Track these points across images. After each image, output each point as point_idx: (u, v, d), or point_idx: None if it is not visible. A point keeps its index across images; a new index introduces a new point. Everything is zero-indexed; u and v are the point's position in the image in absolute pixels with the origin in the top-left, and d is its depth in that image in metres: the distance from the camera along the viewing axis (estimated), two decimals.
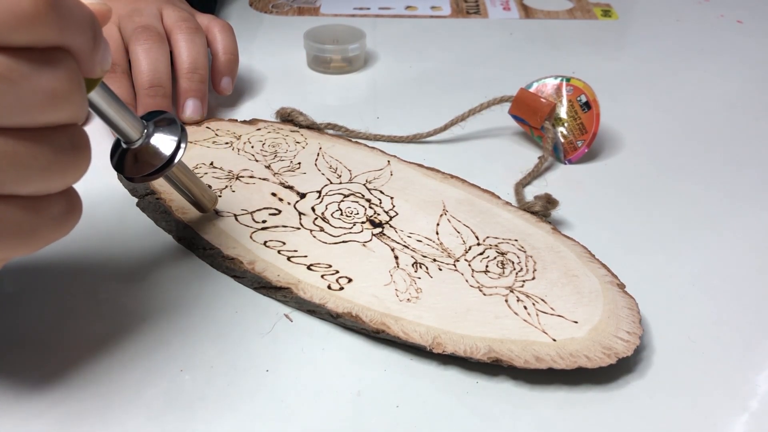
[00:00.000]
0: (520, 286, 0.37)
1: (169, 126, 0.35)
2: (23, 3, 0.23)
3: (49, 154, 0.26)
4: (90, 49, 0.26)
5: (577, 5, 0.79)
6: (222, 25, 0.56)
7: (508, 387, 0.33)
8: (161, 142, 0.35)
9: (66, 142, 0.27)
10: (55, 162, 0.26)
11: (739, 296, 0.39)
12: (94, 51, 0.27)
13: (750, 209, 0.46)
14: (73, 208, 0.29)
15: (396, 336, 0.34)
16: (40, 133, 0.25)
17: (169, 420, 0.31)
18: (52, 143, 0.26)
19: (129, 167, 0.35)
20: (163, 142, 0.35)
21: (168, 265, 0.40)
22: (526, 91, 0.50)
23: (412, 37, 0.71)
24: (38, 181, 0.26)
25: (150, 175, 0.35)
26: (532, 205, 0.43)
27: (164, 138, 0.35)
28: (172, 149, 0.35)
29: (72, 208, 0.29)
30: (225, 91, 0.55)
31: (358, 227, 0.41)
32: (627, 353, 0.33)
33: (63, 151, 0.26)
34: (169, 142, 0.35)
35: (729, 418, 0.32)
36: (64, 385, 0.33)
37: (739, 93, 0.61)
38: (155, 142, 0.35)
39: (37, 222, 0.27)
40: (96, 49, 0.27)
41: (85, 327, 0.36)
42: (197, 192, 0.40)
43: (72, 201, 0.29)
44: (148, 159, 0.35)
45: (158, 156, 0.35)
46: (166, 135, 0.35)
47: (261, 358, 0.34)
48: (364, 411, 0.32)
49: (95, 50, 0.27)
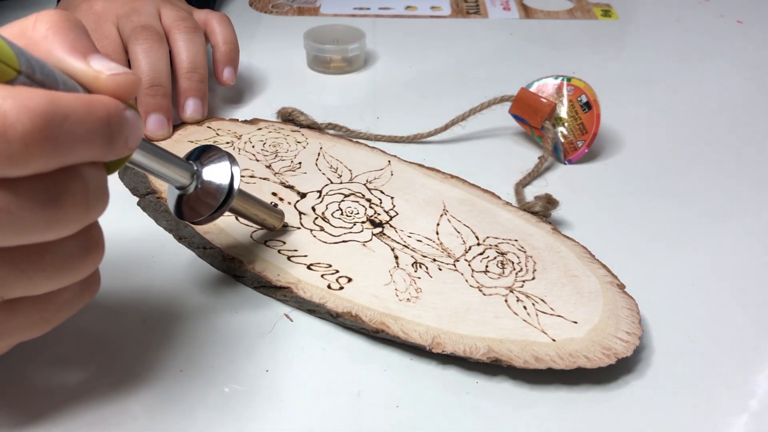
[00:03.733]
0: (520, 286, 0.37)
1: (219, 158, 0.34)
2: (13, 132, 0.21)
3: (57, 263, 0.25)
4: (106, 152, 0.25)
5: (577, 5, 0.79)
6: (219, 17, 0.56)
7: (508, 387, 0.33)
8: (214, 178, 0.34)
9: (74, 247, 0.25)
10: (63, 269, 0.25)
11: (739, 296, 0.39)
12: (111, 150, 0.25)
13: (750, 209, 0.46)
14: (88, 286, 0.28)
15: (395, 336, 0.34)
16: (45, 246, 0.24)
17: (169, 420, 0.31)
18: (58, 252, 0.25)
19: (188, 212, 0.34)
20: (215, 179, 0.34)
21: (168, 265, 0.40)
22: (526, 91, 0.50)
23: (412, 37, 0.71)
24: (46, 287, 0.25)
25: (211, 215, 0.34)
26: (532, 206, 0.43)
27: (216, 174, 0.34)
28: (227, 184, 0.34)
29: (87, 286, 0.28)
30: (228, 82, 0.55)
31: (359, 227, 0.41)
32: (626, 353, 0.33)
33: (71, 257, 0.25)
34: (222, 176, 0.34)
35: (729, 418, 0.32)
36: (63, 385, 0.33)
37: (739, 93, 0.61)
38: (208, 180, 0.34)
39: (47, 313, 0.26)
40: (114, 145, 0.25)
41: (85, 327, 0.36)
42: (262, 214, 0.39)
43: (88, 280, 0.27)
44: (204, 199, 0.34)
45: (214, 195, 0.34)
46: (216, 170, 0.34)
47: (261, 358, 0.34)
48: (364, 411, 0.32)
49: (113, 148, 0.25)
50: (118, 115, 0.25)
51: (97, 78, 0.25)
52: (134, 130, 0.26)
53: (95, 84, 0.25)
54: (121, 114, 0.25)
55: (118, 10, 0.51)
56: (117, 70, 0.25)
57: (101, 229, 0.27)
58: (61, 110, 0.22)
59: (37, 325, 0.26)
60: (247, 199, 0.38)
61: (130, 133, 0.26)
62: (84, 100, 0.23)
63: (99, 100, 0.24)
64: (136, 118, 0.26)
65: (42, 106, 0.22)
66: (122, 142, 0.25)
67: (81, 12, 0.51)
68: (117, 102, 0.25)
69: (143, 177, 0.45)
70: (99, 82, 0.25)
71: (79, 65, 0.25)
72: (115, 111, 0.25)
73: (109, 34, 0.50)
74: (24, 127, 0.21)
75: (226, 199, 0.34)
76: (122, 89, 0.25)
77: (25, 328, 0.26)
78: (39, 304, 0.26)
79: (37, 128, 0.21)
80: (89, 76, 0.25)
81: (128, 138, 0.26)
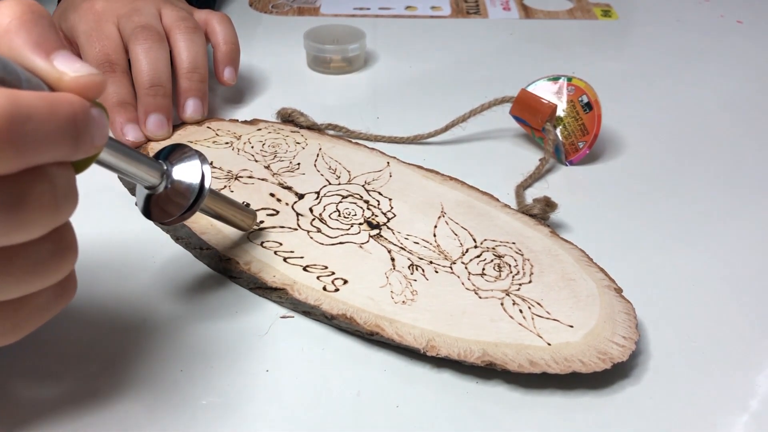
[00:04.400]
0: (517, 290, 0.37)
1: (188, 157, 0.34)
2: None
3: (26, 267, 0.24)
4: (72, 151, 0.24)
5: (577, 5, 0.79)
6: (220, 16, 0.56)
7: (502, 391, 0.33)
8: (184, 178, 0.33)
9: (45, 250, 0.24)
10: (33, 273, 0.24)
11: (738, 298, 0.39)
12: (78, 149, 0.24)
13: (751, 210, 0.46)
14: (63, 291, 0.27)
15: (390, 338, 0.34)
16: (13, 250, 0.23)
17: (169, 420, 0.31)
18: (27, 256, 0.24)
19: (157, 212, 0.34)
20: (186, 178, 0.33)
21: (168, 265, 0.40)
22: (527, 92, 0.50)
23: (412, 37, 0.71)
24: (15, 292, 0.24)
25: (181, 216, 0.33)
26: (530, 208, 0.43)
27: (185, 173, 0.33)
28: (197, 183, 0.33)
29: (62, 291, 0.27)
30: (229, 82, 0.55)
31: (356, 229, 0.41)
32: (622, 358, 0.33)
33: (41, 261, 0.24)
34: (193, 175, 0.33)
35: (729, 419, 0.32)
36: (63, 386, 0.33)
37: (739, 93, 0.61)
38: (178, 180, 0.33)
39: (18, 319, 0.25)
40: (80, 144, 0.24)
41: (85, 327, 0.36)
42: (233, 215, 0.38)
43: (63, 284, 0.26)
44: (174, 199, 0.33)
45: (184, 195, 0.33)
46: (186, 169, 0.33)
47: (261, 358, 0.35)
48: (364, 411, 0.32)
49: (79, 147, 0.24)
50: (84, 113, 0.24)
51: (60, 80, 0.24)
52: (100, 129, 0.25)
53: (59, 85, 0.25)
54: (87, 112, 0.24)
55: (119, 9, 0.51)
56: (81, 72, 0.25)
57: (73, 230, 0.26)
58: (24, 110, 0.22)
59: (9, 332, 0.25)
60: (219, 198, 0.37)
61: (96, 132, 0.25)
62: (48, 100, 0.23)
63: (64, 98, 0.24)
64: (101, 116, 0.26)
65: (3, 106, 0.21)
66: (88, 140, 0.25)
67: (81, 12, 0.51)
68: (82, 100, 0.24)
69: None
70: (62, 84, 0.24)
71: (43, 65, 0.24)
72: (81, 109, 0.24)
73: (110, 33, 0.50)
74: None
75: (196, 199, 0.33)
76: (87, 91, 0.25)
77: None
78: (9, 310, 0.25)
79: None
80: (53, 77, 0.24)
81: (95, 136, 0.25)
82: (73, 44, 0.52)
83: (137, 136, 0.49)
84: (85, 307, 0.37)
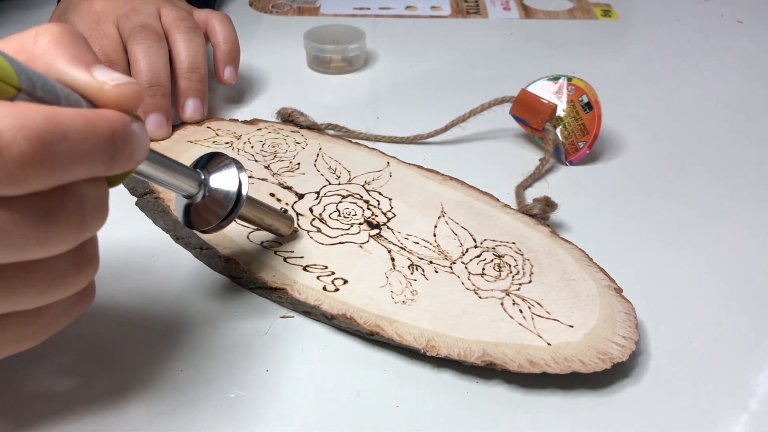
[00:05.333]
0: (517, 290, 0.37)
1: (226, 165, 0.34)
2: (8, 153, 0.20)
3: (48, 279, 0.24)
4: (108, 168, 0.24)
5: (577, 5, 0.79)
6: (220, 16, 0.56)
7: (502, 391, 0.33)
8: (222, 186, 0.33)
9: (67, 264, 0.24)
10: (54, 285, 0.24)
11: (738, 297, 0.39)
12: (114, 166, 0.24)
13: (751, 210, 0.46)
14: (81, 299, 0.27)
15: (390, 338, 0.34)
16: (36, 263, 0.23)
17: (169, 420, 0.31)
18: (50, 269, 0.24)
19: (196, 220, 0.34)
20: (223, 186, 0.33)
21: (168, 265, 0.40)
22: (527, 92, 0.50)
23: (412, 37, 0.71)
24: (36, 302, 0.24)
25: (219, 224, 0.34)
26: (530, 208, 0.43)
27: (223, 181, 0.34)
28: (234, 191, 0.33)
29: (80, 298, 0.27)
30: (229, 81, 0.55)
31: (356, 228, 0.41)
32: (622, 358, 0.33)
33: (63, 274, 0.24)
34: (230, 183, 0.34)
35: (729, 419, 0.32)
36: (63, 386, 0.33)
37: (739, 93, 0.61)
38: (216, 188, 0.33)
39: (38, 326, 0.25)
40: (117, 162, 0.24)
41: (85, 327, 0.36)
42: (271, 221, 0.39)
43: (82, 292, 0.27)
44: (213, 207, 0.33)
45: (222, 203, 0.33)
46: (223, 178, 0.34)
47: (261, 358, 0.35)
48: (364, 411, 0.32)
49: (115, 164, 0.24)
50: (123, 131, 0.24)
51: (102, 89, 0.24)
52: (140, 143, 0.25)
53: (100, 95, 0.24)
54: (127, 129, 0.24)
55: (118, 9, 0.51)
56: (121, 80, 0.25)
57: (97, 243, 0.27)
58: (60, 129, 0.22)
59: (28, 338, 0.26)
60: (257, 205, 0.38)
61: (135, 147, 0.25)
62: (86, 117, 0.23)
63: (103, 116, 0.24)
64: (142, 130, 0.25)
65: (39, 124, 0.21)
66: (126, 157, 0.25)
67: (81, 12, 0.51)
68: (123, 116, 0.24)
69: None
70: (103, 94, 0.24)
71: (82, 76, 0.24)
72: (120, 127, 0.24)
73: (109, 33, 0.50)
74: (20, 147, 0.20)
75: (234, 207, 0.33)
76: (127, 99, 0.25)
77: (15, 341, 0.25)
78: (29, 318, 0.25)
79: (33, 149, 0.21)
80: (93, 88, 0.24)
81: (134, 151, 0.25)
82: None
83: None
84: (84, 308, 0.37)
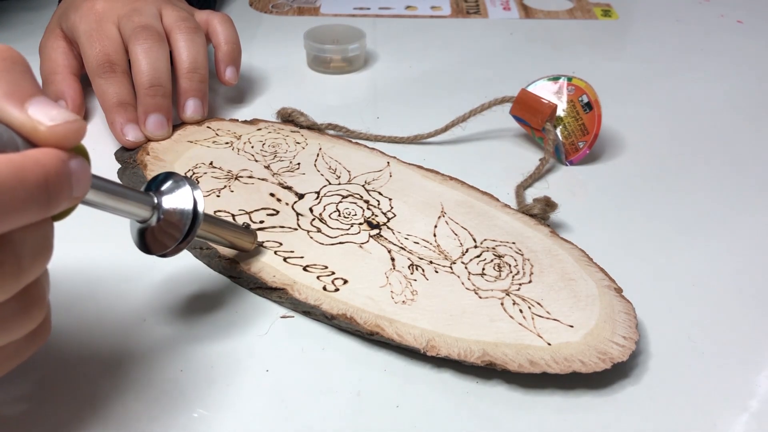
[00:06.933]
0: (517, 290, 0.37)
1: (178, 185, 0.33)
2: None
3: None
4: (43, 213, 0.22)
5: (577, 5, 0.79)
6: (221, 17, 0.56)
7: (502, 391, 0.33)
8: (176, 206, 0.32)
9: (10, 309, 0.23)
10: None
11: (738, 297, 0.39)
12: (50, 210, 0.23)
13: (751, 210, 0.46)
14: (34, 337, 0.25)
15: (390, 338, 0.34)
16: None
17: (169, 420, 0.31)
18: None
19: (153, 244, 0.32)
20: (178, 206, 0.32)
21: (168, 265, 0.40)
22: (527, 92, 0.50)
23: (412, 37, 0.71)
24: None
25: (177, 246, 0.32)
26: (530, 208, 0.43)
27: (177, 201, 0.32)
28: (190, 210, 0.32)
29: (33, 337, 0.25)
30: (230, 81, 0.55)
31: (356, 228, 0.41)
32: (622, 358, 0.33)
33: (6, 320, 0.23)
34: (184, 203, 0.32)
35: (729, 418, 0.32)
36: (63, 386, 0.33)
37: (739, 93, 0.61)
38: (170, 209, 0.32)
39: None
40: (54, 205, 0.22)
41: (85, 327, 0.36)
42: (232, 238, 0.37)
43: (35, 331, 0.25)
44: (168, 230, 0.32)
45: (177, 226, 0.32)
46: (178, 198, 0.32)
47: (261, 358, 0.35)
48: (364, 411, 0.32)
49: (52, 208, 0.23)
50: (58, 174, 0.23)
51: (36, 129, 0.23)
52: (80, 179, 0.24)
53: (35, 135, 0.23)
54: (62, 171, 0.23)
55: (119, 10, 0.51)
56: (58, 120, 0.23)
57: (43, 285, 0.25)
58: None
59: None
60: (215, 223, 0.36)
61: (75, 185, 0.24)
62: (15, 165, 0.21)
63: (34, 160, 0.22)
64: (82, 165, 0.24)
65: None
66: (65, 197, 0.23)
67: (82, 12, 0.51)
68: (58, 156, 0.23)
69: (142, 178, 0.45)
70: (38, 134, 0.23)
71: (17, 114, 0.23)
72: (55, 171, 0.22)
73: (110, 34, 0.50)
74: None
75: (191, 228, 0.32)
76: (64, 140, 0.23)
77: None
78: None
79: None
80: (28, 127, 0.23)
81: (73, 189, 0.24)
82: (73, 44, 0.52)
83: (137, 136, 0.49)
84: (85, 308, 0.37)
